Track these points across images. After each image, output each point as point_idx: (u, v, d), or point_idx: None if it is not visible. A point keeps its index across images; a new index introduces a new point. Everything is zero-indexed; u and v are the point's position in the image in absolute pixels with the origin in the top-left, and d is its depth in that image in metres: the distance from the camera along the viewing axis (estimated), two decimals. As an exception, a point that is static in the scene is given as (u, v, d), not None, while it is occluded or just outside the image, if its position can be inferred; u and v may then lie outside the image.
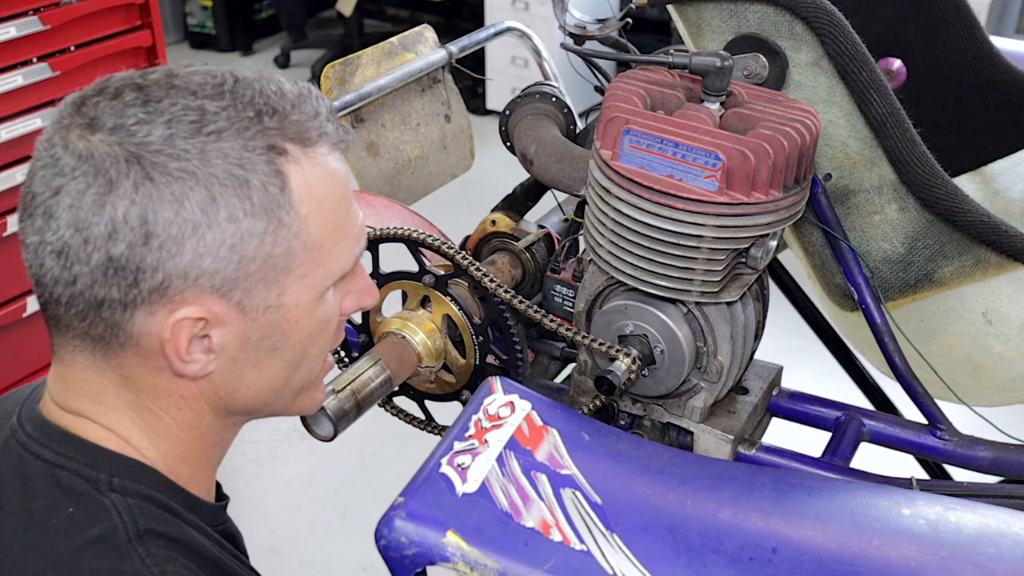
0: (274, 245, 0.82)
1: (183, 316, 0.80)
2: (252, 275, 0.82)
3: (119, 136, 0.78)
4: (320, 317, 0.88)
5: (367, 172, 1.71)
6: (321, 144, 0.85)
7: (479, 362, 1.29)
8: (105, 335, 0.82)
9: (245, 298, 0.82)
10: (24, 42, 2.44)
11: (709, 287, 1.13)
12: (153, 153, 0.78)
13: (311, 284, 0.86)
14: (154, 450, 0.87)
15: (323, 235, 0.85)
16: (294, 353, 0.88)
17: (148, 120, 0.79)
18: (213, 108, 0.80)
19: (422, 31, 1.82)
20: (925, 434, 1.30)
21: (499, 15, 4.73)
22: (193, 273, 0.79)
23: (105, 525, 0.81)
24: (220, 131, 0.79)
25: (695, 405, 1.23)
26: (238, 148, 0.80)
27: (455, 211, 2.73)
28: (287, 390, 0.91)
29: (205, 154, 0.79)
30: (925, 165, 1.24)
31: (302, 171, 0.83)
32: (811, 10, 1.21)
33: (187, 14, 5.95)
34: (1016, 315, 1.30)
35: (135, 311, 0.80)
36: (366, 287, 0.96)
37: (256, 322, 0.84)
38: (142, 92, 0.81)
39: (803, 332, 1.92)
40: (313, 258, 0.85)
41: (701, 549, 0.94)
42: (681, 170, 1.07)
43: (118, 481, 0.83)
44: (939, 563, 0.91)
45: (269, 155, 0.81)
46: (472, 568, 0.91)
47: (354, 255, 0.90)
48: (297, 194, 0.82)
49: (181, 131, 0.79)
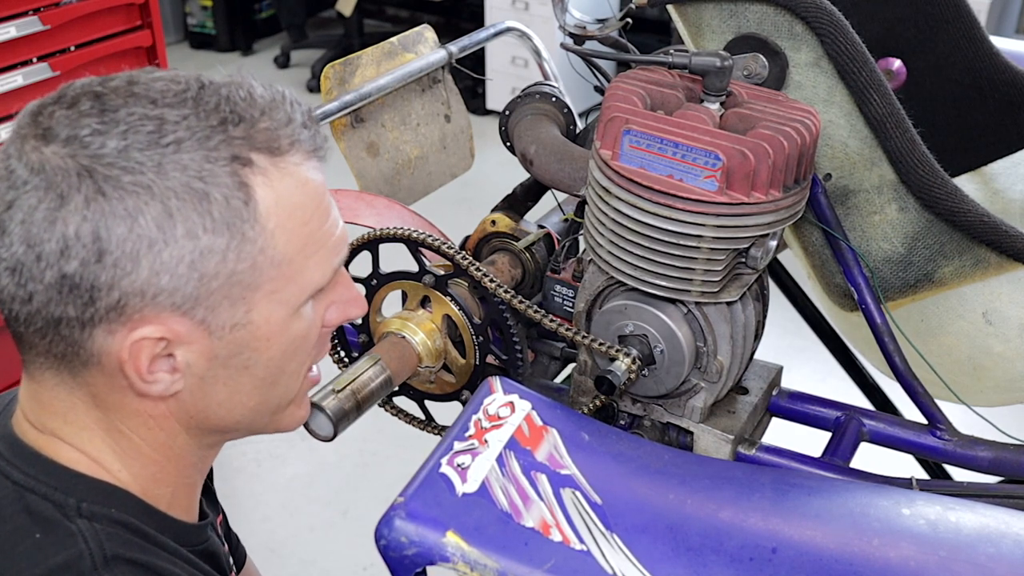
0: (237, 261, 0.78)
1: (141, 336, 0.77)
2: (215, 292, 0.78)
3: (72, 148, 0.75)
4: (295, 333, 0.85)
5: (367, 172, 1.71)
6: (293, 153, 0.81)
7: (479, 362, 1.29)
8: (67, 353, 0.79)
9: (209, 316, 0.79)
10: (24, 42, 2.44)
11: (709, 287, 1.13)
12: (106, 166, 0.74)
13: (282, 300, 0.82)
14: (127, 472, 0.85)
15: (293, 249, 0.81)
16: (268, 371, 0.85)
17: (103, 131, 0.75)
18: (173, 117, 0.77)
19: (422, 31, 1.82)
20: (925, 434, 1.30)
21: (499, 15, 4.72)
22: (150, 291, 0.76)
23: (70, 552, 0.78)
24: (180, 141, 0.76)
25: (695, 405, 1.23)
26: (199, 159, 0.76)
27: (455, 211, 2.73)
28: (263, 409, 0.88)
29: (162, 167, 0.75)
30: (925, 165, 1.24)
31: (269, 183, 0.79)
32: (811, 10, 1.21)
33: (187, 14, 5.95)
34: (1016, 315, 1.30)
35: (94, 329, 0.77)
36: (352, 298, 0.91)
37: (223, 340, 0.80)
38: (99, 101, 0.77)
39: (803, 332, 1.92)
40: (283, 273, 0.81)
41: (701, 549, 0.94)
42: (681, 170, 1.07)
43: (87, 506, 0.81)
44: (939, 563, 0.91)
45: (233, 166, 0.77)
46: (472, 568, 0.91)
47: (331, 268, 0.86)
48: (263, 207, 0.78)
49: (137, 142, 0.75)
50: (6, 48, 2.40)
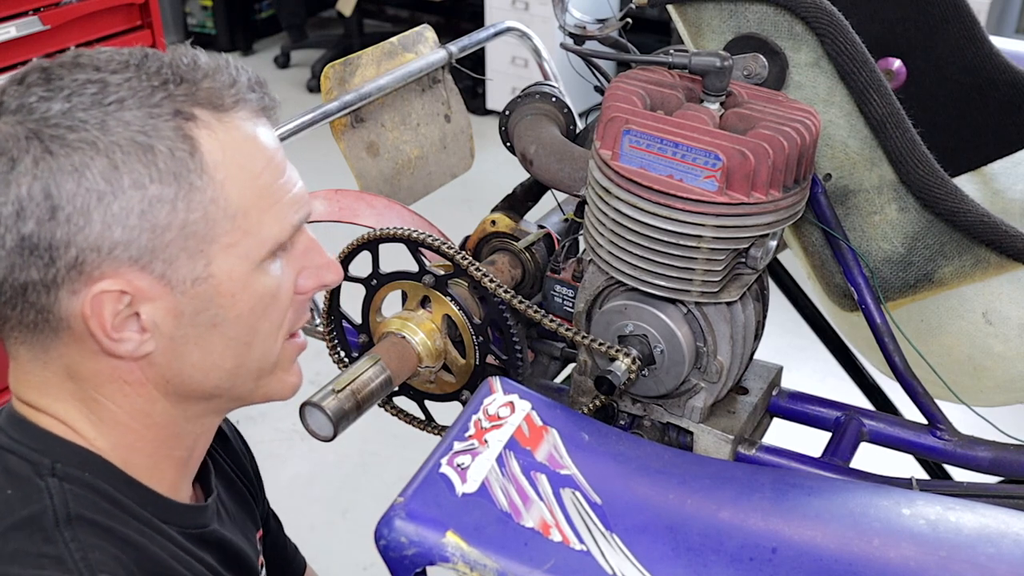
0: (188, 211, 0.80)
1: (101, 290, 0.79)
2: (171, 244, 0.80)
3: (21, 116, 0.79)
4: (261, 290, 0.86)
5: (367, 172, 1.71)
6: (238, 110, 0.84)
7: (479, 362, 1.29)
8: (38, 322, 0.82)
9: (168, 270, 0.81)
10: (24, 42, 2.44)
11: (709, 287, 1.13)
12: (52, 127, 0.78)
13: (241, 254, 0.84)
14: (103, 440, 0.86)
15: (247, 201, 0.83)
16: (238, 329, 0.86)
17: (48, 97, 0.79)
18: (116, 80, 0.80)
19: (422, 31, 1.82)
20: (925, 434, 1.30)
21: (499, 15, 4.73)
22: (105, 245, 0.79)
23: (35, 507, 0.80)
24: (122, 100, 0.79)
25: (695, 405, 1.23)
26: (141, 116, 0.79)
27: (455, 211, 2.73)
28: (244, 372, 0.89)
29: (105, 123, 0.78)
30: (925, 165, 1.24)
31: (214, 135, 0.82)
32: (811, 10, 1.21)
33: (187, 14, 5.95)
34: (1016, 315, 1.30)
35: (58, 292, 0.80)
36: (324, 263, 0.93)
37: (186, 295, 0.82)
38: (45, 72, 0.81)
39: (803, 332, 1.92)
40: (238, 226, 0.83)
41: (701, 549, 0.94)
42: (681, 170, 1.07)
43: (61, 467, 0.83)
44: (939, 563, 0.91)
45: (176, 120, 0.80)
46: (472, 568, 0.91)
47: (290, 223, 0.87)
48: (210, 159, 0.81)
49: (81, 103, 0.78)
50: (6, 48, 2.41)
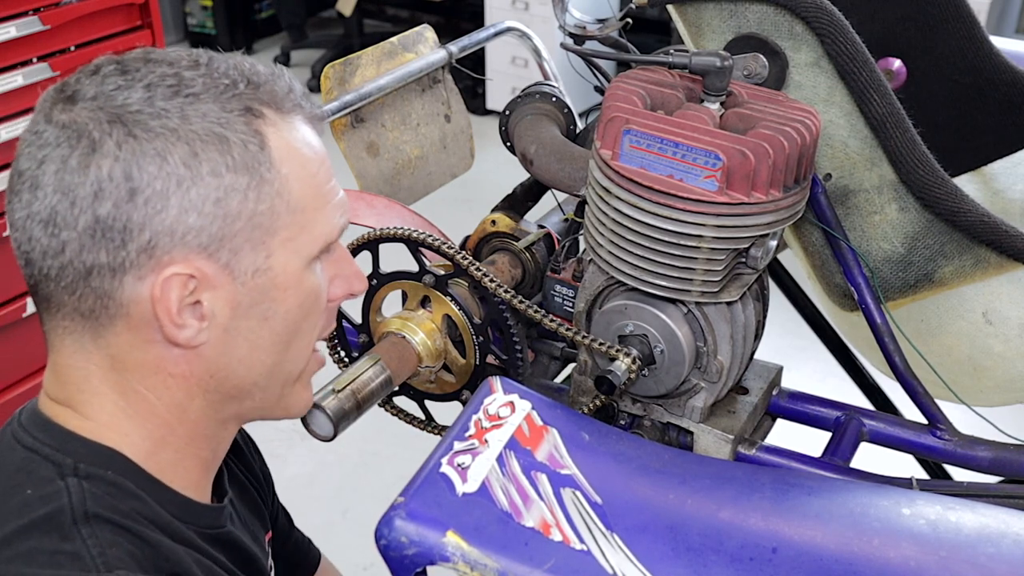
0: (257, 202, 0.83)
1: (172, 272, 0.81)
2: (238, 234, 0.83)
3: (100, 102, 0.80)
4: (309, 288, 0.89)
5: (367, 172, 1.71)
6: (296, 114, 0.88)
7: (479, 362, 1.29)
8: (95, 308, 0.83)
9: (233, 259, 0.83)
10: (24, 42, 2.44)
11: (709, 287, 1.13)
12: (134, 113, 0.80)
13: (297, 249, 0.87)
14: (135, 434, 0.87)
15: (306, 198, 0.87)
16: (285, 325, 0.88)
17: (127, 86, 0.81)
18: (190, 75, 0.83)
19: (422, 31, 1.82)
20: (925, 434, 1.30)
21: (499, 15, 4.73)
22: (180, 230, 0.80)
23: (53, 506, 0.81)
24: (197, 94, 0.82)
25: (695, 405, 1.23)
26: (216, 109, 0.82)
27: (455, 211, 2.73)
28: (278, 373, 0.91)
29: (185, 113, 0.81)
30: (925, 165, 1.24)
31: (279, 133, 0.85)
32: (811, 10, 1.21)
33: (187, 14, 5.95)
34: (1016, 315, 1.30)
35: (124, 276, 0.81)
36: (355, 272, 0.97)
37: (246, 286, 0.84)
38: (120, 65, 0.83)
39: (803, 332, 1.92)
40: (296, 220, 0.86)
41: (701, 549, 0.94)
42: (681, 170, 1.07)
43: (84, 467, 0.84)
44: (939, 563, 0.91)
45: (247, 116, 0.83)
46: (472, 568, 0.91)
47: (337, 225, 0.91)
48: (277, 154, 0.84)
49: (160, 94, 0.81)
50: (6, 48, 2.40)
